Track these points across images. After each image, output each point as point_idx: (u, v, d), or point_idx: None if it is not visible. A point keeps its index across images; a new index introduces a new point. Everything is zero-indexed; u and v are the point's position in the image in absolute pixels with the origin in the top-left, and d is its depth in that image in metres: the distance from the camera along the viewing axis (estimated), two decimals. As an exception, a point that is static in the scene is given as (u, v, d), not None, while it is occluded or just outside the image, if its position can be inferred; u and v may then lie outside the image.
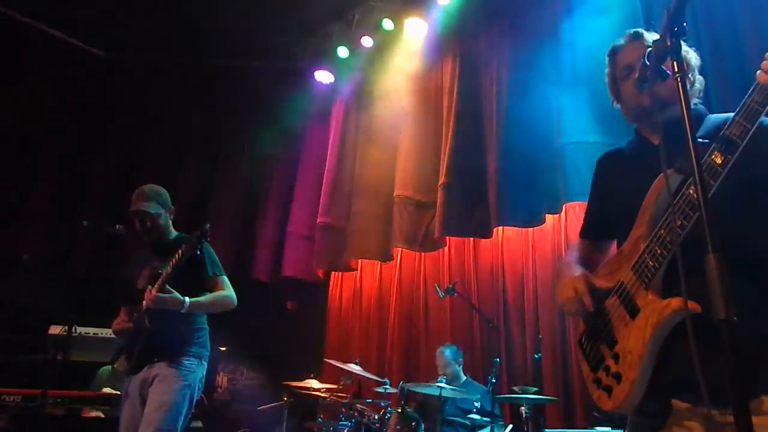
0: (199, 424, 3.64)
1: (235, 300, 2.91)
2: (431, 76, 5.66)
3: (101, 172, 6.36)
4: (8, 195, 5.87)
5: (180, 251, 2.64)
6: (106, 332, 3.76)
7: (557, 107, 4.45)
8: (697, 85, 1.49)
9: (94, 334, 3.73)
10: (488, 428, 3.94)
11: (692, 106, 1.30)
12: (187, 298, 2.70)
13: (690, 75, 1.45)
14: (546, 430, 3.78)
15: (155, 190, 2.98)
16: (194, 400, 2.77)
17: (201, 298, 2.79)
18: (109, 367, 4.06)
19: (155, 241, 2.91)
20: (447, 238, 5.43)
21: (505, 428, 4.08)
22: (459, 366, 4.62)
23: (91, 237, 3.02)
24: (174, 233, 2.99)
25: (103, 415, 3.41)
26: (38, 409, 2.83)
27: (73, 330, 3.07)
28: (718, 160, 1.19)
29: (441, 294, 4.60)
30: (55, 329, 3.48)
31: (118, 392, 3.57)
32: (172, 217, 3.00)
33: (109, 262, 5.79)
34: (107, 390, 3.72)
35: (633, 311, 1.32)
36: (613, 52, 1.57)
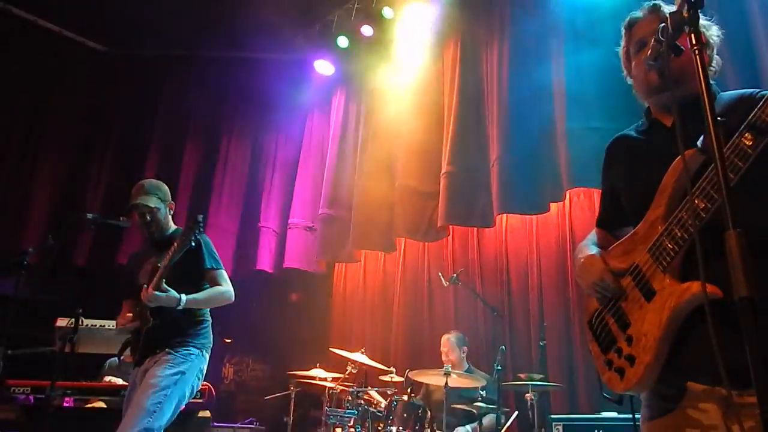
0: (206, 414, 3.65)
1: (233, 294, 2.91)
2: (432, 64, 5.62)
3: (104, 165, 6.35)
4: (11, 188, 5.86)
5: (174, 245, 2.65)
6: (113, 324, 3.78)
7: (560, 92, 4.42)
8: (714, 65, 1.45)
9: (100, 326, 3.75)
10: (494, 415, 3.97)
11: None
12: (183, 296, 2.70)
13: (708, 52, 1.41)
14: (551, 416, 3.80)
15: (154, 184, 3.00)
16: (192, 390, 2.77)
17: (198, 295, 2.79)
18: (116, 358, 4.09)
19: (155, 234, 2.92)
20: (450, 227, 5.42)
21: (511, 416, 4.11)
22: (463, 353, 4.64)
23: (94, 229, 3.01)
24: (173, 227, 3.00)
25: (105, 406, 3.42)
26: (47, 401, 2.85)
27: (80, 322, 3.08)
28: (749, 142, 1.14)
29: (445, 283, 4.61)
30: (62, 322, 3.49)
31: (123, 382, 3.60)
32: (172, 211, 3.01)
33: (113, 254, 5.82)
34: (110, 379, 3.74)
35: (649, 294, 1.30)
36: (629, 25, 1.53)
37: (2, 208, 5.77)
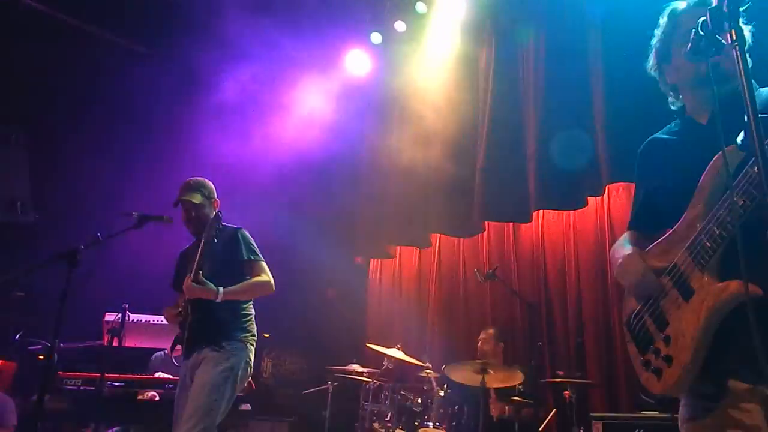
0: (247, 407, 3.75)
1: (273, 285, 2.97)
2: (466, 59, 5.57)
3: (147, 164, 6.58)
4: (57, 188, 6.14)
5: (201, 242, 2.74)
6: (158, 319, 3.91)
7: (598, 86, 4.32)
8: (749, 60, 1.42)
9: (146, 320, 3.89)
10: (531, 411, 3.94)
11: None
12: (221, 288, 2.78)
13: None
14: (591, 414, 3.74)
15: (199, 181, 3.10)
16: (239, 383, 2.83)
17: (235, 287, 2.86)
18: (162, 352, 4.23)
19: (199, 231, 3.00)
20: (486, 222, 5.38)
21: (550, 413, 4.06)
22: (499, 349, 4.61)
23: (139, 227, 3.12)
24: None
25: (158, 397, 3.56)
26: (97, 392, 2.98)
27: (127, 317, 3.20)
28: None
29: (482, 279, 4.58)
30: (110, 316, 3.63)
31: (171, 376, 3.73)
32: (216, 208, 3.08)
33: (158, 251, 6.02)
34: (161, 374, 3.88)
35: (687, 293, 1.28)
36: (674, 14, 1.49)
37: (49, 206, 6.05)
